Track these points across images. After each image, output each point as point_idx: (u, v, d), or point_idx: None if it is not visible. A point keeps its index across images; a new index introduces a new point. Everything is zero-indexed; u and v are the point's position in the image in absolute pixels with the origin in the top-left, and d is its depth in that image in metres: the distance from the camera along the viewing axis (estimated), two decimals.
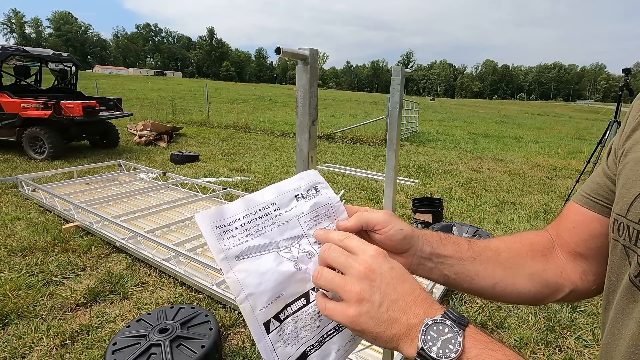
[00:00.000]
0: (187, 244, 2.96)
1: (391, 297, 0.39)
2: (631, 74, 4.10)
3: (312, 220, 0.49)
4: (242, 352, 1.98)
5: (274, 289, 0.42)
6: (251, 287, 0.41)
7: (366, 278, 0.39)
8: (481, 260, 0.55)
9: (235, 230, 0.44)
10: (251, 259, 0.43)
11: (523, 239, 0.59)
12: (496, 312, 2.40)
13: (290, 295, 0.44)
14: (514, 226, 3.94)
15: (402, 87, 1.71)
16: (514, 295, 0.55)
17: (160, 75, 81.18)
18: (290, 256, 0.45)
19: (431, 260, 0.53)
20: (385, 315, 0.38)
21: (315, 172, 0.55)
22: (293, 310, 0.43)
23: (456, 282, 0.54)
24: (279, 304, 0.43)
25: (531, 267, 0.55)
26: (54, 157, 6.21)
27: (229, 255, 0.42)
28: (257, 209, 0.47)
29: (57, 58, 7.22)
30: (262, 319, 0.41)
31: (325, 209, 0.50)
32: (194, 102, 20.88)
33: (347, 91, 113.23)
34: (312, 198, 0.50)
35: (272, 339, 0.41)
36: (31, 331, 2.05)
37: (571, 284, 0.55)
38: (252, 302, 0.41)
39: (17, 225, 3.47)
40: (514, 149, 10.42)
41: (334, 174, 6.22)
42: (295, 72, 0.67)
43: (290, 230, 0.47)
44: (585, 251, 0.54)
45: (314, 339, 0.44)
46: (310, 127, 0.70)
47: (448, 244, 0.54)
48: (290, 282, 0.44)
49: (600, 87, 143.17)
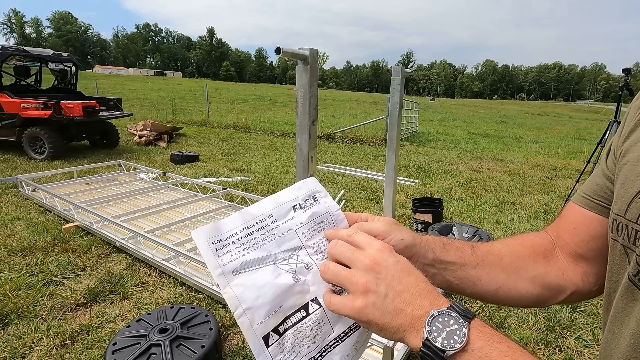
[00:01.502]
0: (187, 244, 2.96)
1: (396, 288, 0.39)
2: (631, 74, 4.10)
3: (310, 230, 0.48)
4: (242, 352, 1.98)
5: (272, 301, 0.42)
6: (249, 301, 0.41)
7: (372, 270, 0.40)
8: (484, 265, 0.55)
9: (232, 245, 0.44)
10: (248, 272, 0.43)
11: (525, 242, 0.59)
12: (496, 312, 2.40)
13: (290, 308, 0.43)
14: (514, 226, 3.94)
15: (402, 87, 1.71)
16: (516, 299, 0.55)
17: (160, 75, 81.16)
18: (288, 268, 0.45)
19: (434, 267, 0.53)
20: (390, 306, 0.39)
21: (314, 180, 0.54)
22: (292, 322, 0.43)
23: (459, 287, 0.55)
24: (278, 316, 0.42)
25: (533, 270, 0.55)
26: (54, 157, 6.21)
27: (225, 270, 0.42)
28: (254, 222, 0.46)
29: (57, 58, 7.22)
30: (261, 332, 0.41)
31: (324, 218, 0.50)
32: (194, 102, 20.89)
33: (347, 91, 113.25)
34: (310, 208, 0.50)
35: (272, 352, 0.41)
36: (31, 331, 2.05)
37: (573, 286, 0.55)
38: (250, 316, 0.41)
39: (17, 225, 3.47)
40: (514, 149, 10.42)
41: (334, 174, 6.22)
42: (295, 72, 0.67)
43: (288, 242, 0.47)
44: (585, 252, 0.54)
45: (315, 351, 0.43)
46: (310, 127, 0.70)
47: (451, 250, 0.54)
48: (289, 294, 0.43)
49: (600, 87, 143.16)
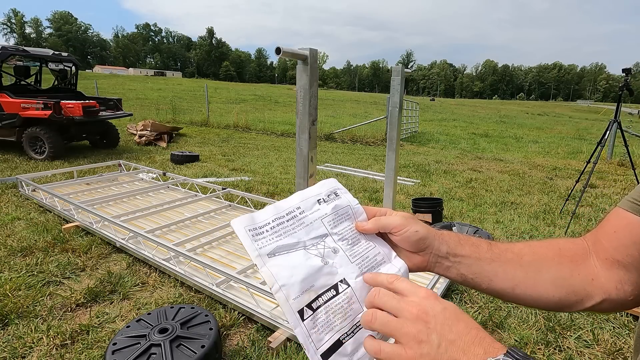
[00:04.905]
0: (187, 244, 2.96)
1: (448, 337, 0.38)
2: (631, 74, 4.10)
3: (334, 220, 0.54)
4: (242, 352, 1.98)
5: (304, 280, 0.46)
6: (284, 279, 0.45)
7: (420, 320, 0.39)
8: (500, 262, 0.54)
9: (266, 232, 0.49)
10: (282, 255, 0.48)
11: (551, 244, 0.57)
12: (496, 312, 2.40)
13: (321, 287, 0.47)
14: (514, 226, 3.94)
15: (402, 87, 1.71)
16: (535, 299, 0.54)
17: (160, 75, 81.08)
18: (317, 252, 0.50)
19: (448, 260, 0.54)
20: (445, 356, 0.37)
21: (334, 180, 0.61)
22: (324, 300, 0.46)
23: (474, 282, 0.55)
24: (310, 294, 0.46)
25: (556, 272, 0.54)
26: (54, 157, 6.21)
27: (262, 253, 0.47)
28: (284, 213, 0.52)
29: (57, 58, 7.22)
30: (296, 307, 0.45)
31: (345, 211, 0.56)
32: (194, 102, 20.88)
33: (347, 91, 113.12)
34: (333, 201, 0.56)
35: (307, 325, 0.44)
36: (31, 331, 2.05)
37: (603, 293, 0.52)
38: (285, 292, 0.45)
39: (17, 225, 3.47)
40: (514, 149, 10.42)
41: (334, 174, 6.21)
42: (295, 72, 0.67)
43: (316, 230, 0.52)
44: (624, 258, 0.51)
45: (347, 327, 0.46)
46: (310, 127, 0.71)
47: (466, 244, 0.55)
48: (319, 274, 0.48)
49: (600, 87, 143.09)
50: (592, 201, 4.99)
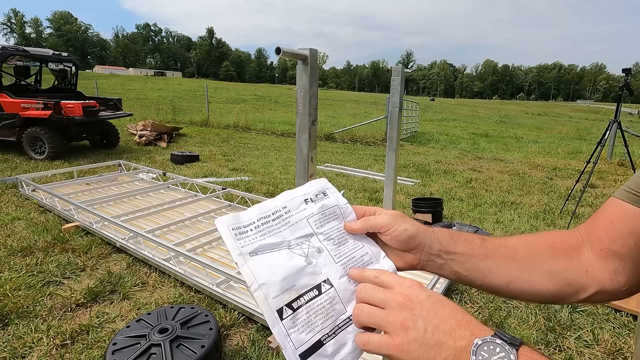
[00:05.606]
0: (187, 244, 2.96)
1: (434, 322, 0.39)
2: (631, 74, 4.10)
3: (321, 220, 0.53)
4: (242, 352, 1.98)
5: (285, 279, 0.45)
6: (263, 278, 0.45)
7: (406, 307, 0.40)
8: (494, 258, 0.54)
9: (250, 232, 0.49)
10: (264, 254, 0.47)
11: (545, 238, 0.57)
12: (496, 312, 2.40)
13: (302, 287, 0.46)
14: (514, 226, 3.94)
15: (402, 87, 1.71)
16: (531, 293, 0.54)
17: (160, 75, 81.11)
18: (301, 252, 0.49)
19: (440, 257, 0.53)
20: (432, 340, 0.38)
21: (324, 180, 0.60)
22: (306, 300, 0.46)
23: (468, 279, 0.54)
24: (291, 294, 0.45)
25: (550, 265, 0.53)
26: (54, 157, 6.21)
27: (243, 251, 0.47)
28: (270, 213, 0.51)
29: (57, 58, 7.22)
30: (275, 306, 0.44)
31: (333, 210, 0.55)
32: (194, 102, 20.88)
33: (347, 91, 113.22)
34: (321, 201, 0.55)
35: (286, 325, 0.43)
36: (31, 331, 2.05)
37: (597, 284, 0.52)
38: (264, 291, 0.44)
39: (17, 225, 3.47)
40: (514, 149, 10.42)
41: (334, 174, 6.22)
42: (295, 72, 0.67)
43: (301, 229, 0.51)
44: (620, 249, 0.51)
45: (328, 328, 0.45)
46: (310, 127, 0.70)
47: (459, 241, 0.54)
48: (301, 274, 0.47)
49: (600, 87, 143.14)
50: (592, 201, 4.99)
